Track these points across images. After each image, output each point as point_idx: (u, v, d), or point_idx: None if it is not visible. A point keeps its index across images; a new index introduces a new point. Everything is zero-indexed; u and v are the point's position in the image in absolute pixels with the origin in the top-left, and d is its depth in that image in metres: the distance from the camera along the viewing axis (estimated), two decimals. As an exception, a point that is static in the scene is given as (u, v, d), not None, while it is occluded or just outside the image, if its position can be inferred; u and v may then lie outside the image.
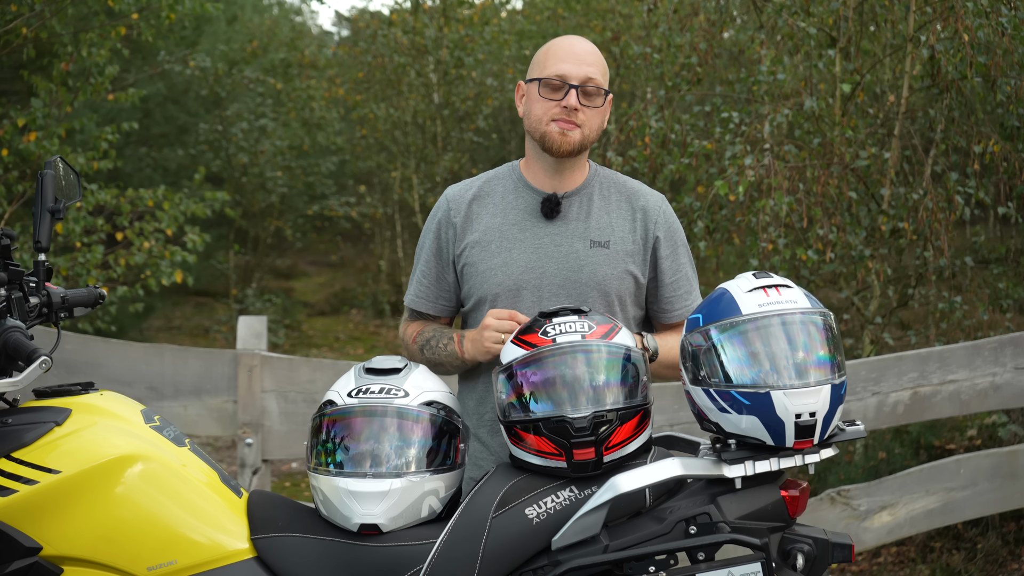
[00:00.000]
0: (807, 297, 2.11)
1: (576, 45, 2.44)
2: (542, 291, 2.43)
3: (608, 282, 2.44)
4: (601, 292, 2.43)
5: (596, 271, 2.44)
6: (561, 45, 2.45)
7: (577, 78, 2.39)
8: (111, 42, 6.01)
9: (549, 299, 2.42)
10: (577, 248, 2.45)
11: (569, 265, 2.44)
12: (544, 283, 2.44)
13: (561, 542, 2.04)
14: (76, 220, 5.88)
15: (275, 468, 6.63)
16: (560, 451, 2.06)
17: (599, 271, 2.44)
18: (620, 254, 2.46)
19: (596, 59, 2.43)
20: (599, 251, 2.45)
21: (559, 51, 2.43)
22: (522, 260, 2.45)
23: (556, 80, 2.39)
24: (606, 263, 2.45)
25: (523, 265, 2.44)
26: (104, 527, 1.96)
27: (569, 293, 2.43)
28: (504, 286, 2.43)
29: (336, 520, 2.09)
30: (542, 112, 2.42)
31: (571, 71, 2.39)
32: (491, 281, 2.44)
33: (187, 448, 2.14)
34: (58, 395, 2.08)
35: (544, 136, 2.42)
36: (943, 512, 4.01)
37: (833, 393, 2.02)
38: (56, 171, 2.15)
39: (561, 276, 2.44)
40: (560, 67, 2.40)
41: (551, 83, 2.39)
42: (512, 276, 2.44)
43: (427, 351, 2.49)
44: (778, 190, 4.99)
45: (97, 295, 2.26)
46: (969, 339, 5.57)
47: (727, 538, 2.03)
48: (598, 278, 2.44)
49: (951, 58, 5.07)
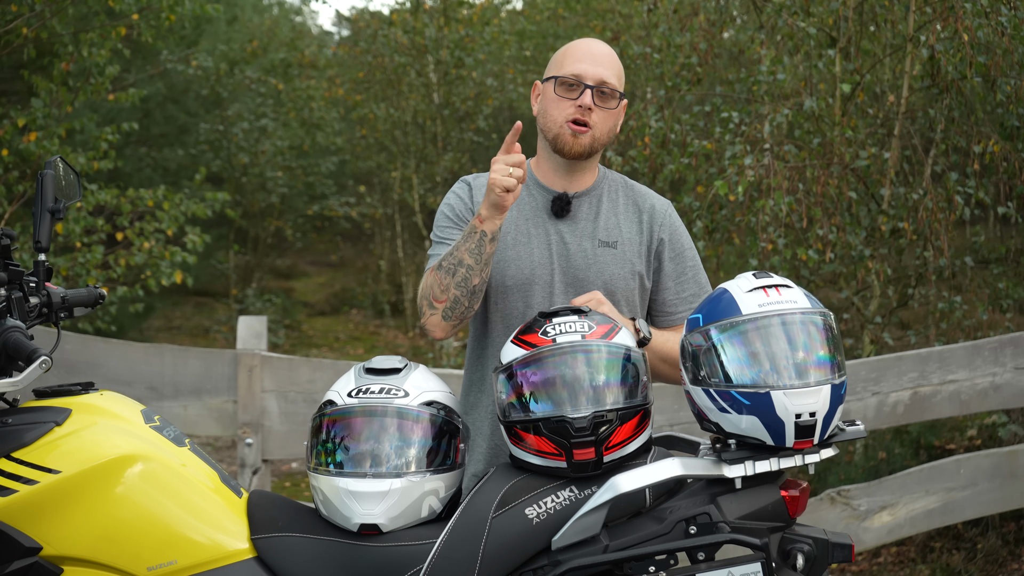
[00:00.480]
0: (807, 297, 2.11)
1: (594, 47, 2.47)
2: (552, 287, 2.46)
3: (615, 282, 2.47)
4: (608, 291, 2.45)
5: (603, 270, 2.46)
6: (579, 46, 2.48)
7: (592, 78, 2.42)
8: (111, 42, 6.01)
9: (558, 296, 2.45)
10: (585, 247, 2.48)
11: (578, 264, 2.47)
12: (554, 280, 2.46)
13: (561, 542, 2.04)
14: (76, 220, 5.88)
15: (275, 468, 6.63)
16: (560, 451, 2.06)
17: (606, 270, 2.47)
18: (627, 255, 2.49)
19: (613, 62, 2.47)
20: (607, 251, 2.48)
21: (577, 51, 2.46)
22: (535, 255, 2.47)
23: (571, 79, 2.42)
24: (613, 263, 2.47)
25: (536, 260, 2.47)
26: (104, 527, 1.96)
27: (577, 291, 2.45)
28: (517, 279, 2.46)
29: (336, 520, 2.09)
30: (557, 112, 2.45)
31: (587, 71, 2.42)
32: (505, 272, 2.46)
33: (187, 448, 2.14)
34: (58, 395, 2.08)
35: (557, 137, 2.45)
36: (943, 512, 4.01)
37: (833, 393, 2.02)
38: (56, 171, 2.15)
39: (570, 274, 2.47)
40: (577, 67, 2.43)
41: (566, 81, 2.42)
42: (524, 270, 2.46)
43: (445, 263, 2.34)
44: (778, 190, 4.98)
45: (97, 295, 2.26)
46: (969, 339, 5.57)
47: (727, 538, 2.03)
48: (605, 277, 2.46)
49: (951, 58, 5.07)
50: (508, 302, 2.47)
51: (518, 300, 2.46)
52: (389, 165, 12.48)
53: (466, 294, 2.34)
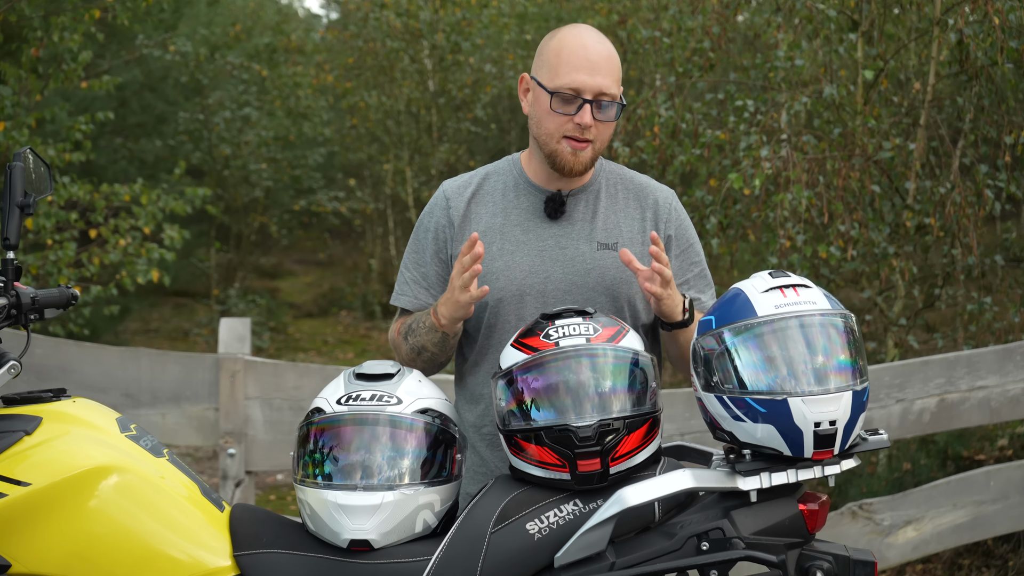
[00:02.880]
0: (827, 298, 2.11)
1: (591, 48, 2.38)
2: (547, 296, 2.43)
3: (617, 286, 2.44)
4: (610, 297, 2.43)
5: (604, 275, 2.44)
6: (575, 49, 2.39)
7: (591, 91, 2.35)
8: (84, 26, 6.01)
9: (554, 305, 2.40)
10: (583, 250, 2.45)
11: (575, 269, 2.44)
12: (549, 288, 2.43)
13: (564, 559, 2.04)
14: (47, 216, 5.88)
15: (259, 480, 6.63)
16: (563, 462, 2.06)
17: (607, 275, 2.44)
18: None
19: (611, 64, 2.39)
20: (607, 253, 2.45)
21: (572, 56, 2.37)
22: (525, 263, 2.44)
23: (568, 93, 2.35)
24: (615, 266, 2.44)
25: (526, 269, 2.44)
26: (77, 543, 1.96)
27: (576, 298, 2.42)
28: (507, 291, 2.43)
29: (324, 536, 2.09)
30: (553, 128, 2.39)
31: (585, 83, 2.35)
32: (492, 286, 2.43)
33: (165, 459, 2.14)
34: (28, 402, 2.08)
35: (555, 154, 2.40)
36: (972, 527, 4.01)
37: (855, 400, 2.02)
38: (26, 163, 2.15)
39: (567, 281, 2.43)
40: (574, 78, 2.35)
41: (563, 95, 2.36)
42: (515, 281, 2.43)
43: (410, 337, 2.47)
44: (796, 183, 4.99)
45: (69, 296, 2.26)
46: (1000, 342, 5.57)
47: (742, 555, 2.03)
48: (607, 282, 2.44)
49: (980, 43, 5.08)
50: (499, 317, 2.43)
51: (510, 314, 2.42)
52: (381, 157, 12.49)
53: (435, 367, 2.50)
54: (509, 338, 2.25)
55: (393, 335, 2.58)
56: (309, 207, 13.75)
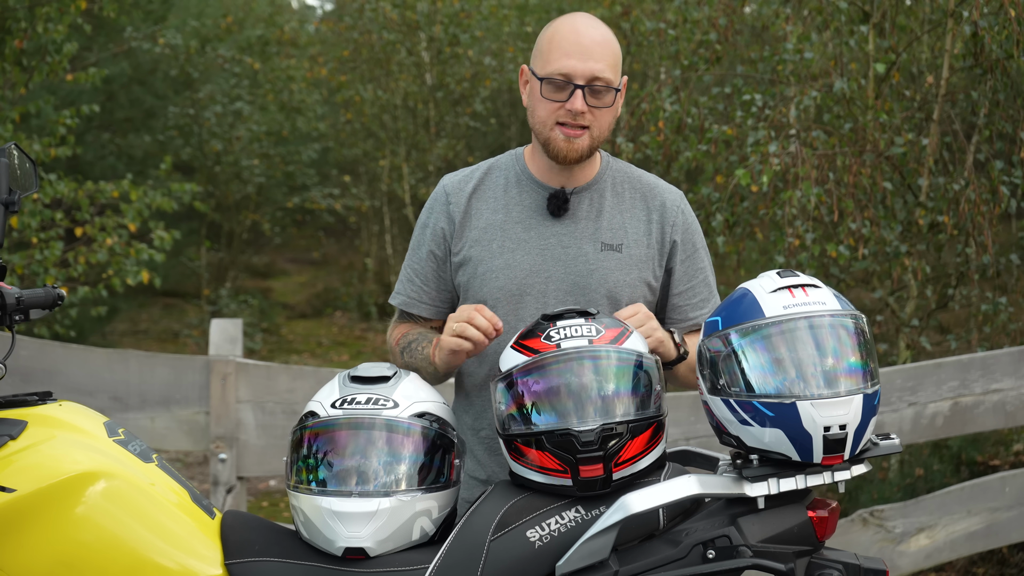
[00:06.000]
0: (837, 298, 2.11)
1: (583, 33, 2.37)
2: (547, 297, 2.43)
3: (620, 289, 2.44)
4: (612, 300, 2.43)
5: (607, 277, 2.43)
6: (566, 35, 2.38)
7: (583, 76, 2.34)
8: (70, 17, 6.01)
9: (554, 306, 2.40)
10: (586, 251, 2.44)
11: (577, 269, 2.43)
12: (549, 288, 2.43)
13: (566, 567, 2.05)
14: (32, 214, 5.89)
15: (251, 486, 6.64)
16: (565, 467, 2.07)
17: (610, 277, 2.44)
18: (633, 259, 2.46)
19: (605, 49, 2.37)
20: (610, 255, 2.44)
21: (563, 42, 2.36)
22: (526, 263, 2.44)
23: (559, 78, 2.34)
24: (618, 268, 2.44)
25: (527, 268, 2.44)
26: (63, 551, 1.96)
27: (577, 300, 2.42)
28: (506, 291, 2.43)
29: (318, 543, 2.10)
30: (546, 115, 2.38)
31: (576, 68, 2.33)
32: (491, 284, 2.44)
33: (154, 464, 2.14)
34: (12, 406, 2.09)
35: (548, 141, 2.40)
36: (986, 535, 4.02)
37: (865, 404, 2.03)
38: (10, 159, 2.15)
39: (568, 281, 2.43)
40: (564, 63, 2.34)
41: (554, 81, 2.35)
42: (515, 280, 2.43)
43: (407, 355, 2.48)
44: (806, 180, 4.99)
45: (55, 296, 2.26)
46: (1015, 344, 5.57)
47: (749, 563, 2.04)
48: (609, 284, 2.43)
49: (996, 35, 5.08)
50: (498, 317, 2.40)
51: (508, 314, 2.41)
52: (377, 153, 12.49)
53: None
54: (509, 339, 2.24)
55: (391, 342, 2.58)
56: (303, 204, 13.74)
